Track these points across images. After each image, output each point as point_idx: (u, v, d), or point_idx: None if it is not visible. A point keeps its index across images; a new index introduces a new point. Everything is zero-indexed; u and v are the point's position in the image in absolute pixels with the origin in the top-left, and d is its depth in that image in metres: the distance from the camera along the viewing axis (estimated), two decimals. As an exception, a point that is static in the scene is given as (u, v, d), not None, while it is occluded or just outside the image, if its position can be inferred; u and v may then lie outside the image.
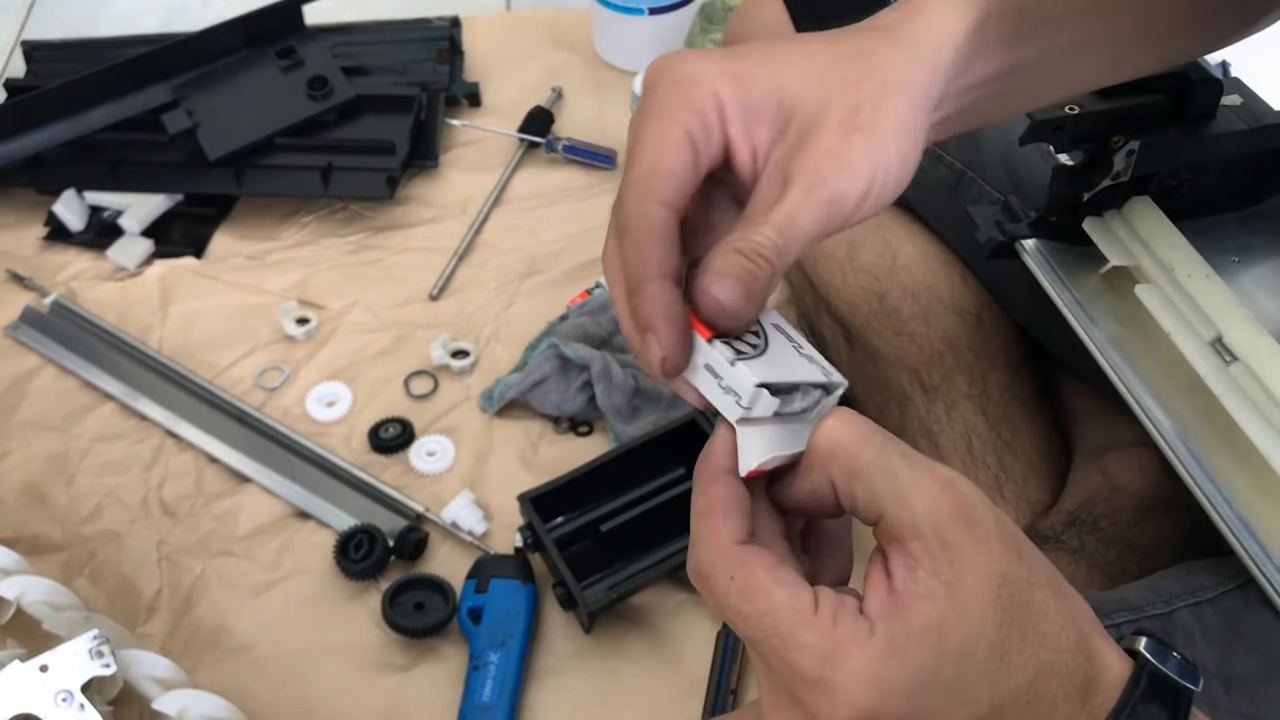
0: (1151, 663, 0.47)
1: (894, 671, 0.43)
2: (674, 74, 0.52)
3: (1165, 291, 0.77)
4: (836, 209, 0.50)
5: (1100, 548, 0.93)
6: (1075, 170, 0.80)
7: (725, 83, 0.51)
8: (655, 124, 0.51)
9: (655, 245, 0.49)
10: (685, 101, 0.51)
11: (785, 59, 0.53)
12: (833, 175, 0.50)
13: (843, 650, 0.43)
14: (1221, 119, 0.79)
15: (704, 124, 0.51)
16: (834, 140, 0.50)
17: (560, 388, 1.21)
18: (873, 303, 1.02)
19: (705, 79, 0.51)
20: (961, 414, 1.00)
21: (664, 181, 0.50)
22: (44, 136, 1.43)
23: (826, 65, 0.53)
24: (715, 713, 1.00)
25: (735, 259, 0.48)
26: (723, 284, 0.48)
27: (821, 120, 0.51)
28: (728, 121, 0.52)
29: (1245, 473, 0.71)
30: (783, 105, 0.52)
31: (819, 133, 0.51)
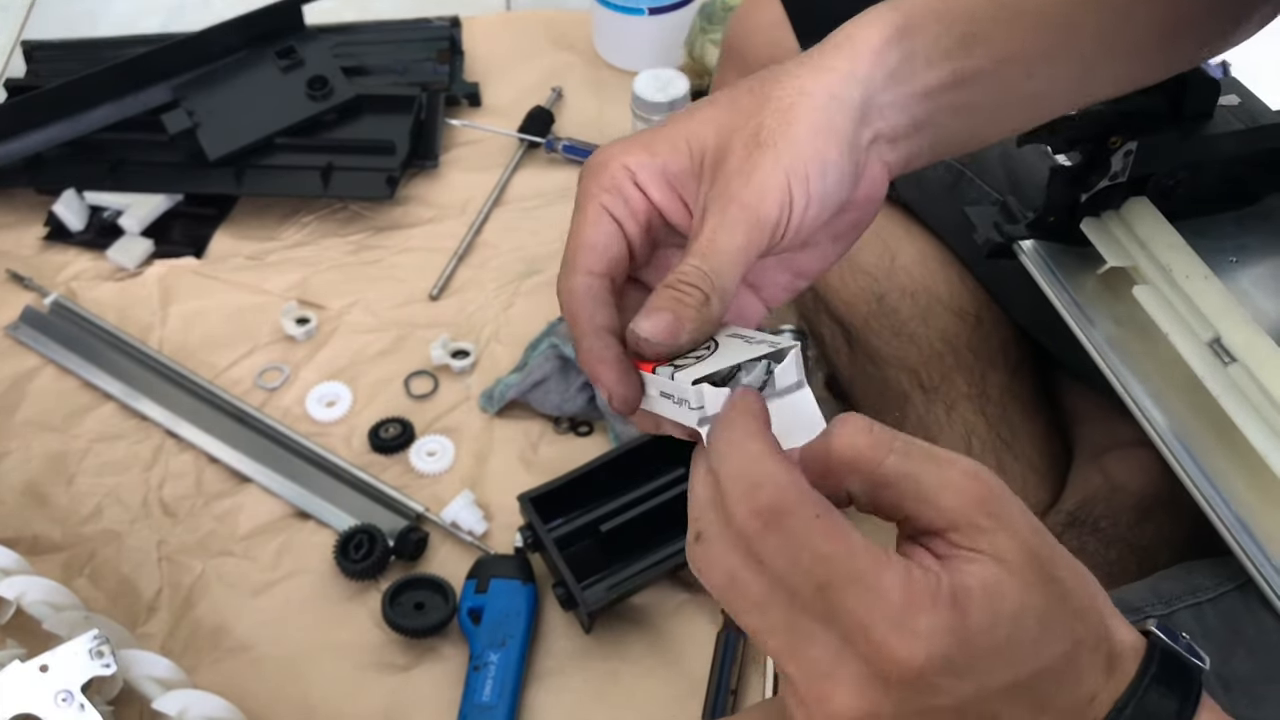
0: (1164, 640, 0.48)
1: (963, 624, 0.43)
2: (589, 166, 0.57)
3: (1163, 292, 0.77)
4: (755, 224, 0.52)
5: (1100, 548, 0.92)
6: (1073, 171, 0.80)
7: (633, 155, 0.56)
8: (577, 211, 0.57)
9: (583, 308, 0.55)
10: (597, 183, 0.56)
11: (691, 115, 0.57)
12: (741, 191, 0.53)
13: (920, 599, 0.43)
14: (1219, 119, 0.79)
15: (621, 195, 0.56)
16: (739, 160, 0.53)
17: (560, 388, 1.21)
18: (872, 303, 1.02)
19: (613, 159, 0.56)
20: (961, 414, 1.00)
21: (585, 254, 0.55)
22: (44, 136, 1.43)
23: (730, 103, 0.56)
24: (715, 713, 1.00)
25: (664, 293, 0.52)
26: (651, 320, 0.51)
27: (727, 148, 0.54)
28: (645, 187, 0.56)
29: (1244, 474, 0.71)
30: (693, 154, 0.56)
31: (726, 159, 0.54)
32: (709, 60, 1.54)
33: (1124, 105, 0.75)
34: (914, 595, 0.43)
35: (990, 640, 0.43)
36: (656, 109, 1.43)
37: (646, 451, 1.09)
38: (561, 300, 0.56)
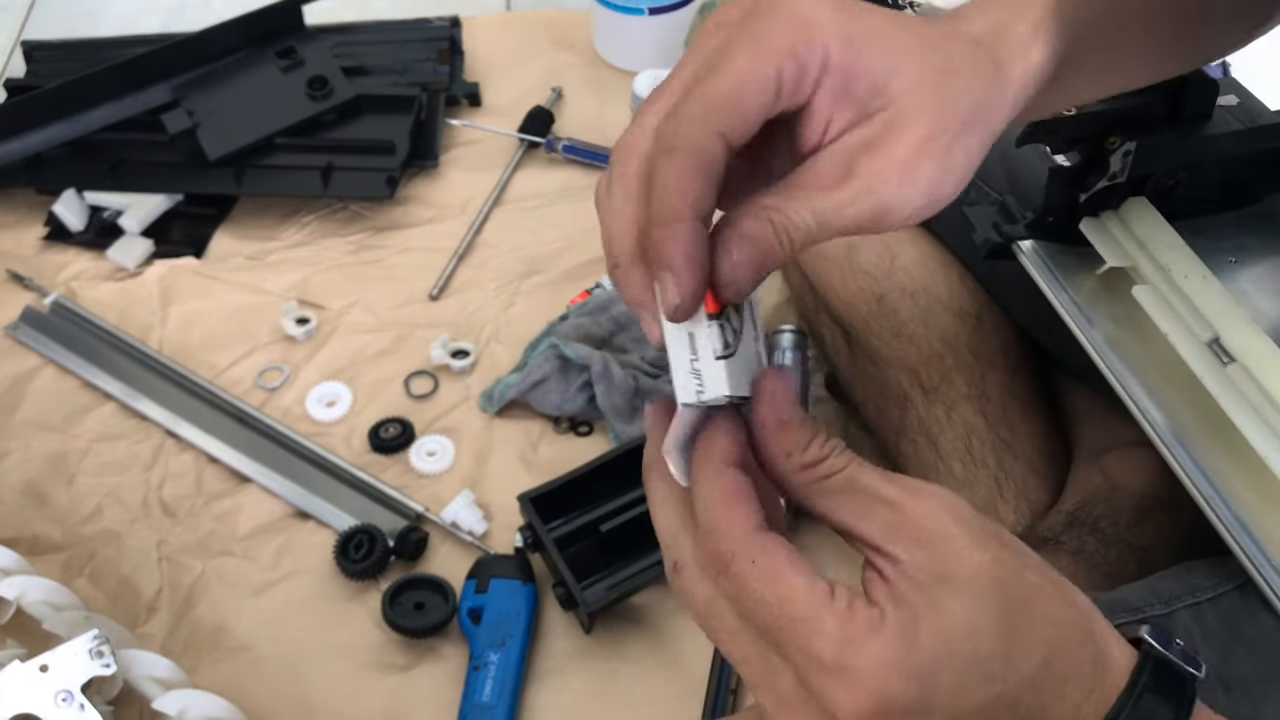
0: (1156, 648, 0.47)
1: (909, 656, 0.43)
2: (791, 7, 0.48)
3: (1162, 292, 0.77)
4: (882, 217, 0.49)
5: (1100, 548, 0.92)
6: (1072, 171, 0.80)
7: (840, 45, 0.48)
8: (754, 49, 0.47)
9: (700, 179, 0.46)
10: (794, 43, 0.47)
11: (898, 45, 0.49)
12: (895, 187, 0.48)
13: (860, 636, 0.43)
14: (1218, 119, 0.79)
15: (799, 73, 0.47)
16: (908, 154, 0.48)
17: (560, 388, 1.21)
18: (872, 304, 1.03)
19: (823, 28, 0.47)
20: (961, 414, 1.00)
21: (737, 116, 0.46)
22: (44, 136, 1.43)
23: (931, 73, 0.50)
24: (715, 713, 1.00)
25: (763, 227, 0.46)
26: (742, 249, 0.46)
27: (905, 127, 0.49)
28: (822, 83, 0.48)
29: (1243, 474, 0.71)
30: (879, 95, 0.49)
31: (898, 140, 0.49)
32: (709, 60, 1.54)
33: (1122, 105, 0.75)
34: (855, 634, 0.43)
35: (948, 668, 0.43)
36: (656, 109, 1.43)
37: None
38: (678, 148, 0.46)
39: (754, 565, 0.44)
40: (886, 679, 0.42)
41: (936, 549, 0.44)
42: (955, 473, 0.99)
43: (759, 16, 0.48)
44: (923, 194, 0.49)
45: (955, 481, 0.99)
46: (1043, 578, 0.46)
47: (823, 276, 1.06)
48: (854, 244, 1.04)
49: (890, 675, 0.42)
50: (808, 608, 0.43)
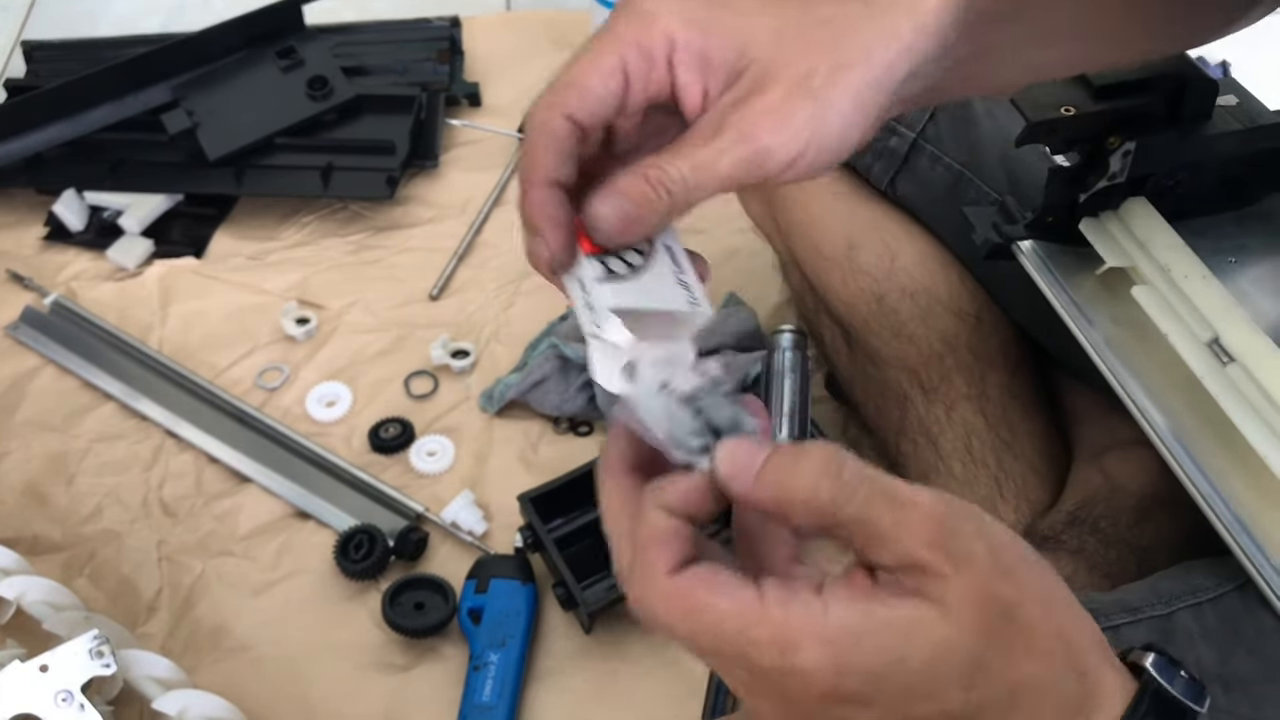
0: (1158, 681, 0.46)
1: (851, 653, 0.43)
2: (635, 8, 0.53)
3: (1162, 292, 0.77)
4: (759, 164, 0.51)
5: (1100, 548, 0.92)
6: (1071, 171, 0.80)
7: (683, 27, 0.52)
8: (596, 46, 0.53)
9: (547, 151, 0.52)
10: (634, 35, 0.52)
11: (754, 12, 0.53)
12: (766, 132, 0.51)
13: (796, 635, 0.43)
14: (1217, 119, 0.79)
15: (646, 59, 0.52)
16: (778, 99, 0.51)
17: (560, 388, 1.21)
18: (872, 304, 1.03)
19: (661, 18, 0.52)
20: (961, 414, 1.00)
21: (576, 97, 0.52)
22: (44, 136, 1.43)
23: (794, 27, 0.53)
24: (715, 713, 1.00)
25: (638, 183, 0.50)
26: (609, 204, 0.50)
27: (772, 77, 0.52)
28: (676, 64, 0.53)
29: (1243, 474, 0.71)
30: (741, 56, 0.52)
31: (766, 89, 0.51)
32: (709, 60, 1.54)
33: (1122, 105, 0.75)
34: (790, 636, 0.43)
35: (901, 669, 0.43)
36: (656, 109, 1.43)
37: (646, 451, 1.09)
38: (528, 132, 0.53)
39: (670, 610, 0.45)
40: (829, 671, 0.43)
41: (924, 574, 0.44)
42: (955, 473, 0.99)
43: (614, 17, 0.54)
44: (801, 134, 0.51)
45: (955, 481, 0.99)
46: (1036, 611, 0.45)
47: (823, 276, 1.06)
48: (854, 244, 1.04)
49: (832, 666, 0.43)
50: (736, 626, 0.44)
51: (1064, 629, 0.46)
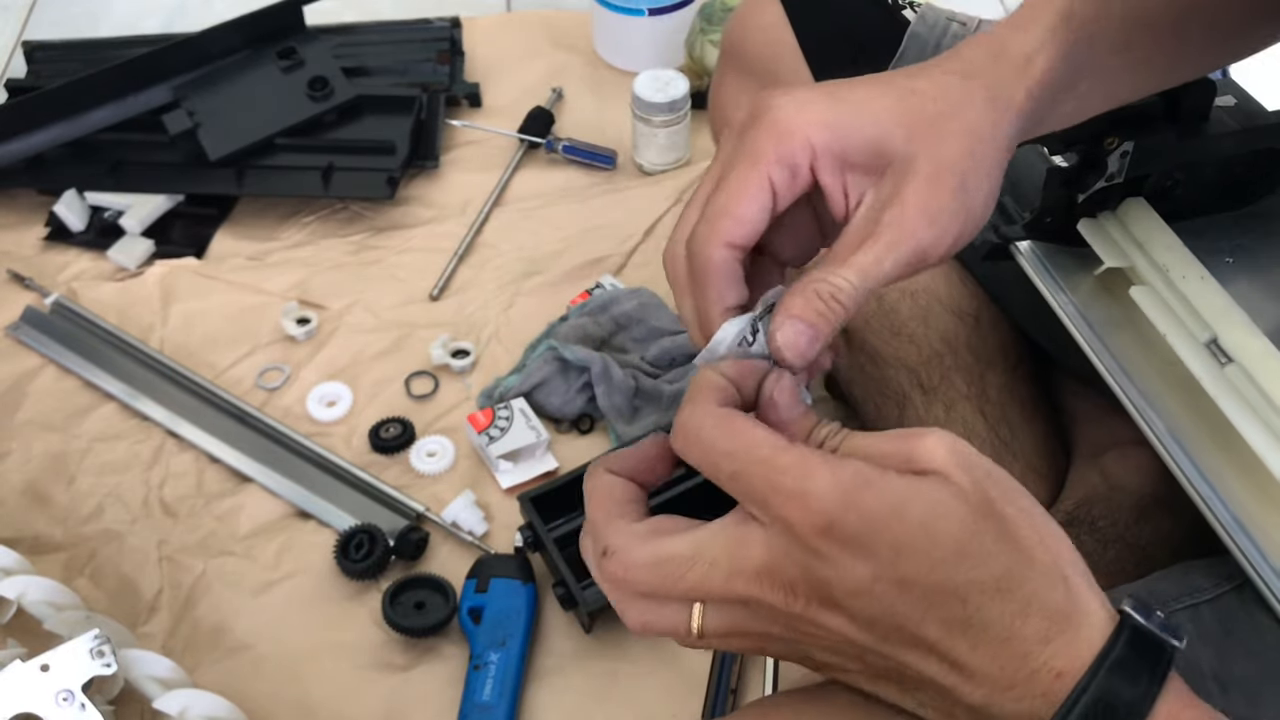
0: (1134, 618, 0.48)
1: (862, 493, 0.47)
2: (771, 118, 0.55)
3: (1160, 293, 0.77)
4: (921, 259, 0.54)
5: (1098, 548, 0.92)
6: (1069, 172, 0.80)
7: (820, 132, 0.54)
8: (743, 166, 0.55)
9: (713, 284, 0.55)
10: (777, 149, 0.54)
11: (882, 107, 0.55)
12: (923, 229, 0.53)
13: (815, 468, 0.47)
14: (1215, 120, 0.79)
15: (792, 172, 0.55)
16: (924, 196, 0.53)
17: (561, 389, 1.21)
18: (871, 303, 1.02)
19: (801, 128, 0.54)
20: (960, 414, 1.00)
21: (735, 226, 0.54)
22: (45, 137, 1.43)
23: (922, 118, 0.55)
24: (715, 713, 1.00)
25: (812, 302, 0.52)
26: (791, 328, 0.52)
27: (914, 173, 0.54)
28: (819, 169, 0.55)
29: (1241, 475, 0.71)
30: (879, 154, 0.55)
31: (911, 186, 0.54)
32: (709, 61, 1.54)
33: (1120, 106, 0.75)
34: (811, 466, 0.47)
35: (901, 518, 0.47)
36: (656, 109, 1.43)
37: (646, 451, 1.10)
38: (694, 260, 0.55)
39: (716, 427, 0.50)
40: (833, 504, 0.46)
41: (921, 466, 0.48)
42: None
43: (750, 129, 0.55)
44: (950, 227, 0.54)
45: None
46: (1022, 518, 0.48)
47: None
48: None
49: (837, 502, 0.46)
50: (767, 450, 0.48)
51: (1048, 538, 0.49)
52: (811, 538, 0.47)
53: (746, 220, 0.54)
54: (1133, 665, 0.47)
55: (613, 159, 1.51)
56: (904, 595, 0.47)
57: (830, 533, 0.46)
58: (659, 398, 1.20)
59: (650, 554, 0.50)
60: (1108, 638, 0.48)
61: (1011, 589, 0.47)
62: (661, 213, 1.44)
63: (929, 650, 0.48)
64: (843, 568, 0.47)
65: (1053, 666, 0.47)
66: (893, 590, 0.47)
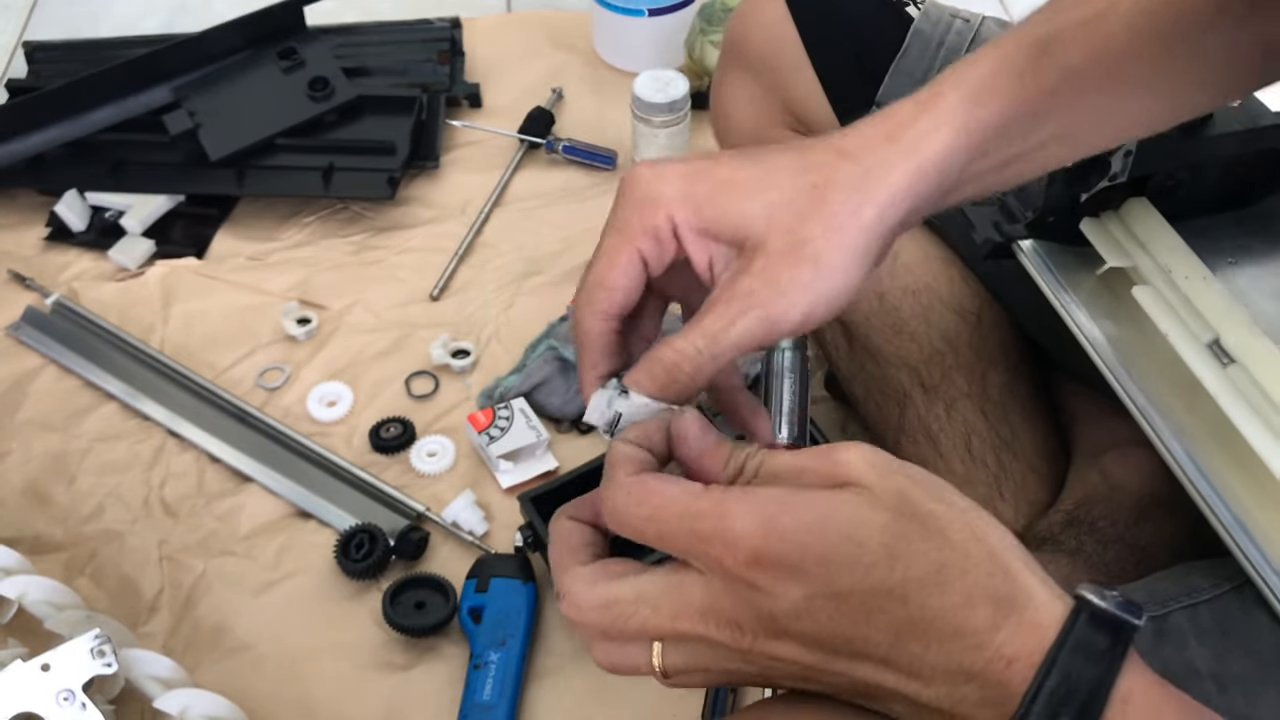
0: (1090, 600, 0.48)
1: (781, 518, 0.48)
2: (637, 194, 0.59)
3: (1162, 293, 0.77)
4: (770, 327, 0.56)
5: (1098, 548, 0.92)
6: (1072, 171, 0.80)
7: (682, 208, 0.58)
8: (613, 239, 0.59)
9: (590, 350, 0.60)
10: (642, 224, 0.58)
11: (748, 187, 0.58)
12: (769, 299, 0.56)
13: (731, 505, 0.49)
14: (1218, 120, 0.79)
15: (658, 243, 0.59)
16: (777, 268, 0.56)
17: (561, 389, 1.21)
18: (872, 301, 1.03)
19: (663, 203, 0.58)
20: (961, 413, 1.00)
21: (606, 296, 0.59)
22: (46, 137, 1.43)
23: (786, 200, 0.57)
24: (715, 713, 1.00)
25: (662, 361, 0.56)
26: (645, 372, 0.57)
27: (768, 247, 0.57)
28: (683, 239, 0.59)
29: (1242, 475, 0.71)
30: (737, 229, 0.58)
31: (763, 258, 0.57)
32: (709, 61, 1.54)
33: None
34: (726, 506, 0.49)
35: (823, 536, 0.48)
36: (656, 109, 1.43)
37: (646, 451, 1.09)
38: (575, 324, 0.61)
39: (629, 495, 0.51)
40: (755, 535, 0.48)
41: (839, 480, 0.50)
42: (955, 471, 0.99)
43: (618, 203, 0.60)
44: (799, 300, 0.56)
45: (955, 480, 0.99)
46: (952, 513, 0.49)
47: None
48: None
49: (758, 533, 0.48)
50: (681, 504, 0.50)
51: (980, 532, 0.49)
52: (742, 571, 0.48)
53: (619, 289, 0.59)
54: (1093, 646, 0.47)
55: (613, 159, 1.51)
56: (842, 607, 0.48)
57: (758, 563, 0.48)
58: (659, 398, 1.20)
59: (598, 597, 0.52)
60: (1064, 621, 0.48)
61: (950, 581, 0.48)
62: (662, 213, 1.43)
63: (881, 662, 0.48)
64: (778, 594, 0.48)
65: (1004, 654, 0.47)
66: (830, 605, 0.48)
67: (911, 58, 1.02)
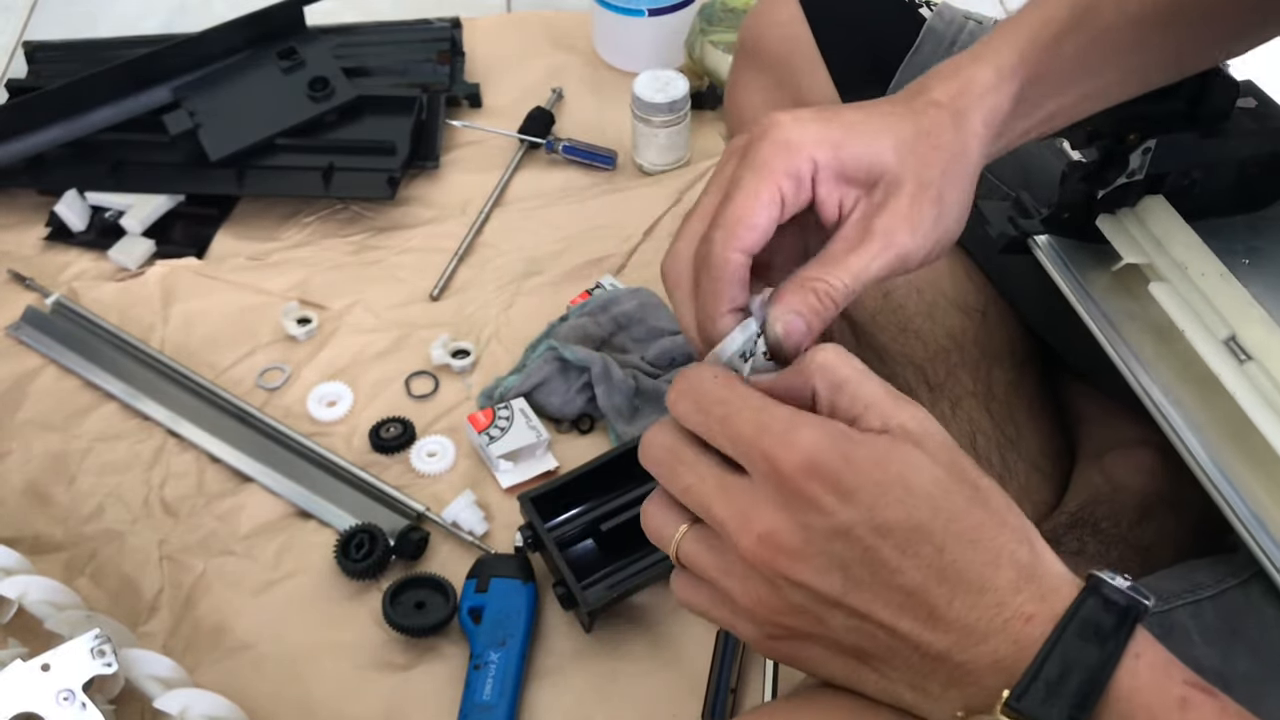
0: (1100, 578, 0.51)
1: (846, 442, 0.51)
2: (779, 135, 0.60)
3: (1179, 290, 0.77)
4: (903, 263, 0.60)
5: (1101, 549, 0.92)
6: (1089, 167, 0.80)
7: (823, 150, 0.60)
8: (754, 178, 0.60)
9: (729, 286, 0.59)
10: (785, 164, 0.60)
11: (875, 131, 0.62)
12: (906, 237, 0.60)
13: (803, 420, 0.52)
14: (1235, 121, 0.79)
15: (797, 185, 0.60)
16: (909, 207, 0.60)
17: (561, 389, 1.21)
18: (878, 299, 1.02)
19: (805, 146, 0.60)
20: (966, 411, 1.00)
21: (749, 233, 0.59)
22: (46, 137, 1.43)
23: (909, 142, 0.62)
24: (715, 713, 1.00)
25: (807, 297, 0.58)
26: (786, 321, 0.58)
27: (901, 189, 0.60)
28: (819, 181, 0.60)
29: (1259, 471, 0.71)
30: (871, 171, 0.61)
31: (896, 198, 0.60)
32: (709, 61, 1.54)
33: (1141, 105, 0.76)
34: (799, 418, 0.52)
35: (878, 474, 0.50)
36: (656, 109, 1.43)
37: (647, 451, 1.09)
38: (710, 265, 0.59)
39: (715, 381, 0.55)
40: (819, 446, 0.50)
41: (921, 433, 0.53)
42: (959, 469, 0.99)
43: (758, 145, 0.60)
44: (930, 236, 0.61)
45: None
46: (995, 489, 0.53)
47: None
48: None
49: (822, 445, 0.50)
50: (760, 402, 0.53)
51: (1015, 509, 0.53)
52: (797, 476, 0.50)
53: (759, 228, 0.59)
54: (1100, 624, 0.49)
55: (613, 159, 1.51)
56: (883, 540, 0.50)
57: (815, 472, 0.50)
58: (659, 397, 1.20)
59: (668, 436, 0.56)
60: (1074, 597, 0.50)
61: (983, 540, 0.50)
62: (661, 213, 1.44)
63: (905, 600, 0.50)
64: (825, 509, 0.50)
65: (1024, 611, 0.50)
66: (872, 534, 0.50)
67: (924, 55, 1.03)
